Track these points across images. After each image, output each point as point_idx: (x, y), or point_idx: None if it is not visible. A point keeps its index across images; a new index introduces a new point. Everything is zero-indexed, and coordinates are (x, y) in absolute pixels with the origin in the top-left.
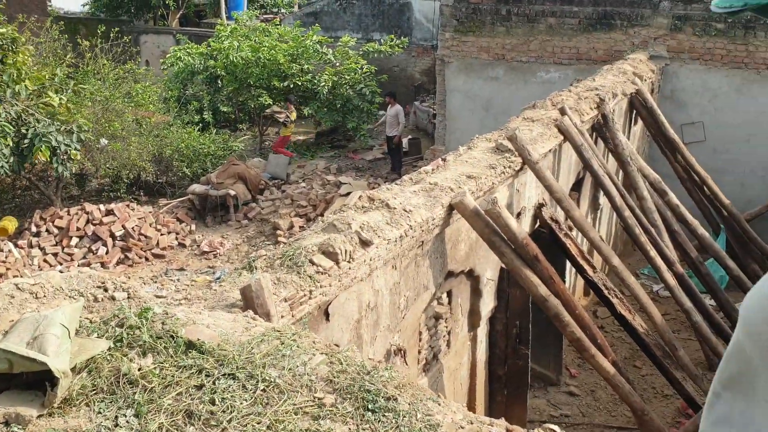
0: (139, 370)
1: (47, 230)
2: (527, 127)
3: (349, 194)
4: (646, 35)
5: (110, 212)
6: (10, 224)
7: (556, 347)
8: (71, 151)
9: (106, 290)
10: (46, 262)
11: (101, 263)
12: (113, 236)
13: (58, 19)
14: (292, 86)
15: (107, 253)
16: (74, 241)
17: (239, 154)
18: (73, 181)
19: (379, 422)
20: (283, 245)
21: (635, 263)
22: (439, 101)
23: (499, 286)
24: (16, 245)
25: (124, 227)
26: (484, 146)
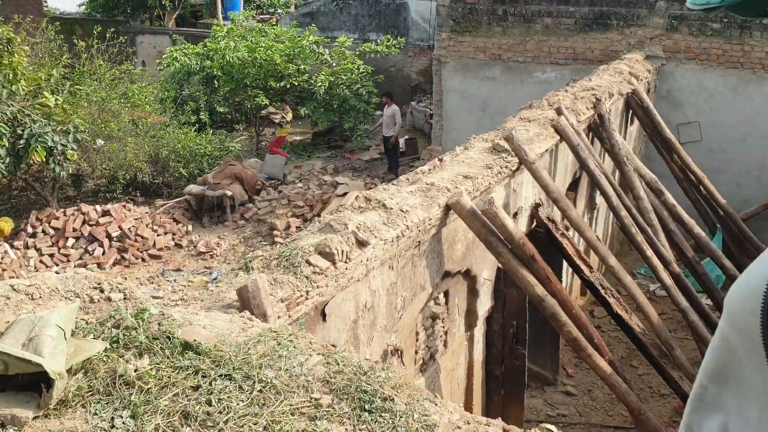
0: (135, 371)
1: (43, 231)
2: (524, 127)
3: (345, 194)
4: (642, 35)
5: (107, 213)
6: (6, 225)
7: (552, 347)
8: (67, 151)
9: (102, 291)
10: (42, 263)
11: (97, 264)
12: (110, 237)
13: (54, 19)
14: (288, 86)
15: (104, 253)
16: (70, 242)
17: (236, 154)
18: (69, 181)
19: (376, 423)
20: (279, 246)
21: (632, 263)
22: (435, 101)
23: (495, 286)
24: (12, 246)
25: (120, 228)
26: (480, 146)
